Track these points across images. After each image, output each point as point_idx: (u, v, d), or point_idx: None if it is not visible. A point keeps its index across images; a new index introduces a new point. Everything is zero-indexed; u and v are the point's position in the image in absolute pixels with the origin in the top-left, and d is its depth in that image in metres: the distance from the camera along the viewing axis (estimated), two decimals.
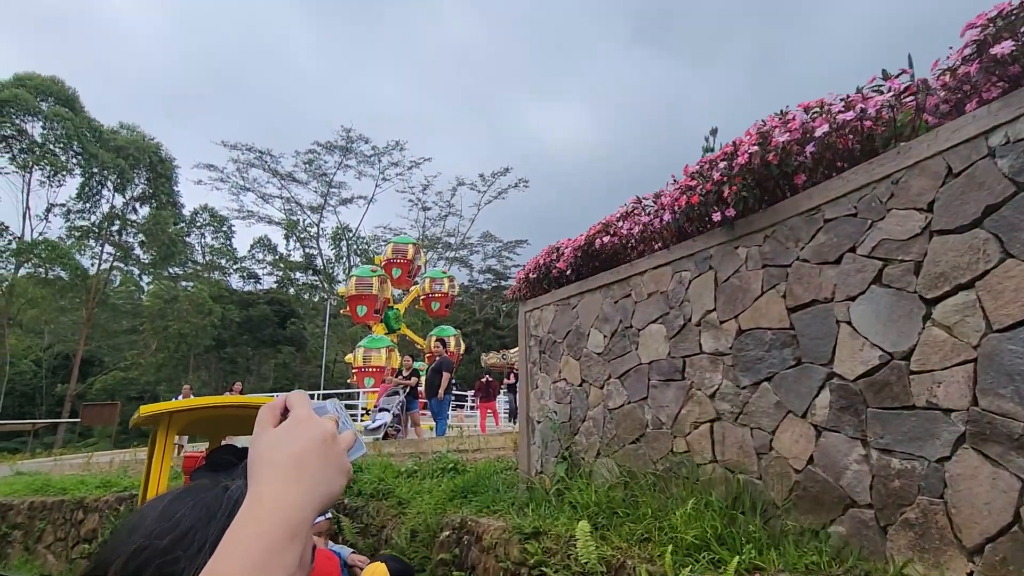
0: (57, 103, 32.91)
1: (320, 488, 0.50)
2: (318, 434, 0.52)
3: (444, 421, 8.80)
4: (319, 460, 0.51)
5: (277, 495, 0.47)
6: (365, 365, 20.62)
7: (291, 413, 0.55)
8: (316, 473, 0.50)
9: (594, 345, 3.90)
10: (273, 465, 0.50)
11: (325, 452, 0.52)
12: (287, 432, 0.52)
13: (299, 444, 0.51)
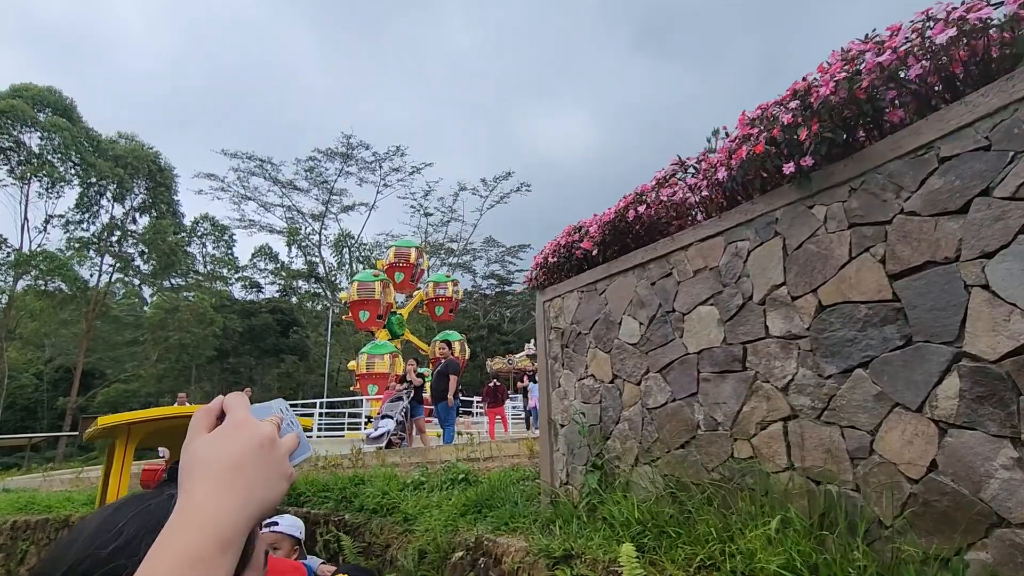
0: (55, 113, 32.67)
1: (257, 495, 0.48)
2: (255, 438, 0.51)
3: (452, 428, 8.26)
4: (256, 466, 0.49)
5: (207, 504, 0.46)
6: (368, 372, 20.09)
7: (227, 417, 0.53)
8: (252, 480, 0.49)
9: (627, 335, 3.37)
10: (205, 472, 0.48)
11: (263, 457, 0.50)
12: (221, 437, 0.51)
13: (234, 449, 0.50)
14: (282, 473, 0.52)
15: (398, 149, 43.50)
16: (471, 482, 5.09)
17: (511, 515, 3.95)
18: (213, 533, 0.44)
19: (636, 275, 3.34)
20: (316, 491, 5.94)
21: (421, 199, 46.26)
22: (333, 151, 42.40)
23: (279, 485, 0.51)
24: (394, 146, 45.11)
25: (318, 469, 7.05)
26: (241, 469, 0.48)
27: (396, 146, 44.27)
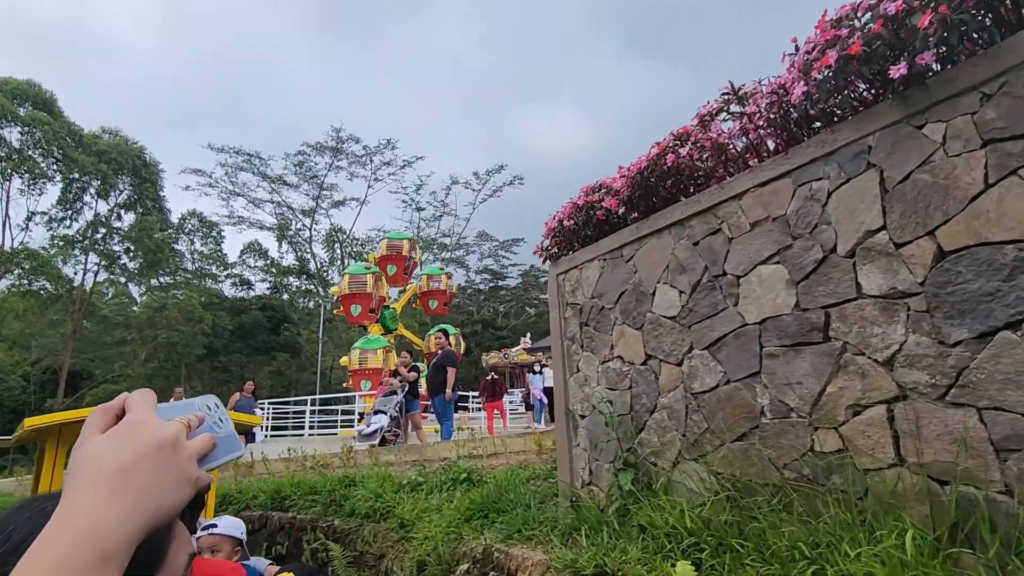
0: (35, 107, 31.70)
1: (150, 502, 0.45)
2: (153, 440, 0.47)
3: (450, 423, 7.71)
4: (151, 470, 0.46)
5: (89, 511, 0.42)
6: (361, 367, 19.48)
7: (125, 416, 0.49)
8: (145, 485, 0.45)
9: (664, 306, 2.82)
10: (92, 476, 0.44)
11: (161, 460, 0.47)
12: (115, 438, 0.47)
13: (126, 452, 0.46)
14: (185, 478, 0.48)
15: (389, 142, 42.74)
16: (475, 482, 4.55)
17: (524, 521, 3.42)
18: (90, 543, 0.41)
19: (673, 235, 2.78)
20: (303, 494, 5.38)
21: (413, 193, 45.51)
22: (323, 145, 41.61)
23: (180, 491, 0.47)
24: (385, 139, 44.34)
25: (306, 469, 6.49)
26: (132, 473, 0.45)
27: (387, 139, 43.53)
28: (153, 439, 0.47)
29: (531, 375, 11.64)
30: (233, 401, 9.92)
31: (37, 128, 30.72)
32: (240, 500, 5.84)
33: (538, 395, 11.37)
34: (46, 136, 31.03)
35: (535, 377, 11.53)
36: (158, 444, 0.47)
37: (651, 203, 2.92)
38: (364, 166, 43.66)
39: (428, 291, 23.55)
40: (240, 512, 5.77)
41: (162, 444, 0.47)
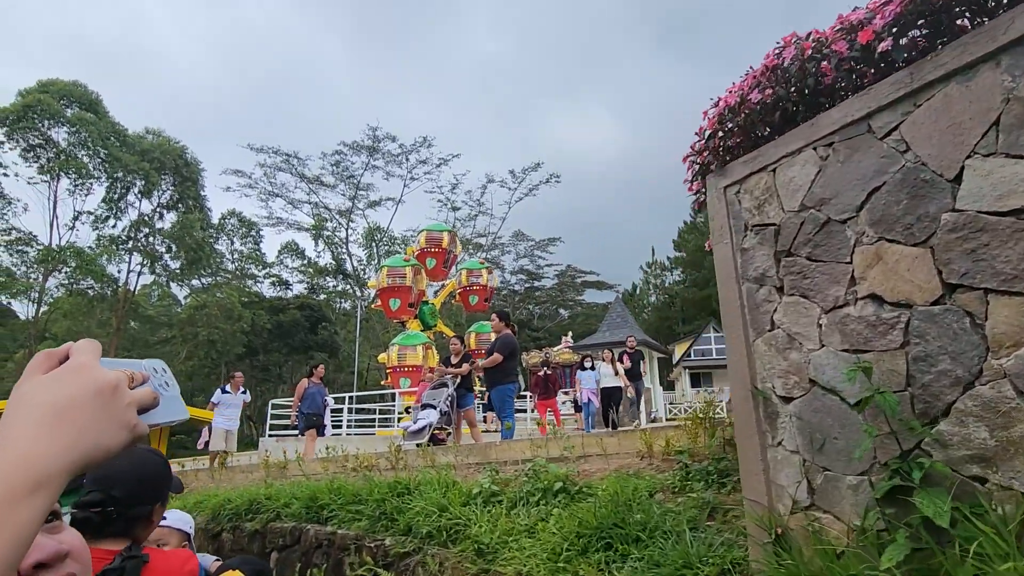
0: (81, 108, 32.25)
1: (86, 441, 0.46)
2: (93, 383, 0.48)
3: (511, 419, 6.54)
4: (90, 411, 0.47)
5: (24, 443, 0.44)
6: (400, 364, 18.54)
7: (69, 360, 0.50)
8: (81, 425, 0.47)
9: (986, 195, 1.58)
10: (29, 412, 0.46)
11: (101, 403, 0.48)
12: (55, 379, 0.49)
13: (65, 392, 0.47)
14: (123, 423, 0.49)
15: (424, 140, 42.13)
16: (572, 493, 3.37)
17: (683, 560, 2.22)
18: (24, 472, 0.43)
19: (1006, 67, 1.54)
20: (345, 503, 4.30)
21: (448, 192, 44.81)
22: (359, 144, 41.29)
23: (117, 435, 0.49)
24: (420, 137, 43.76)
25: (347, 472, 5.43)
26: (69, 411, 0.47)
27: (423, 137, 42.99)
28: (93, 382, 0.48)
29: (581, 372, 10.11)
30: (302, 389, 8.83)
31: (83, 128, 31.18)
32: (269, 508, 4.80)
33: (588, 396, 9.78)
34: (91, 136, 31.47)
35: (585, 374, 9.92)
36: (98, 387, 0.48)
37: (940, 30, 1.68)
38: (400, 165, 43.21)
39: (468, 286, 22.50)
40: (269, 523, 4.73)
41: (102, 388, 0.48)
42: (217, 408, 9.03)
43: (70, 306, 35.18)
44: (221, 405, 9.05)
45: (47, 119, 30.58)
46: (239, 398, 9.42)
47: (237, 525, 4.94)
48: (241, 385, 9.62)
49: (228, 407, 9.13)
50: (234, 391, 9.35)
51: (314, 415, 8.71)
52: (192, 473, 7.42)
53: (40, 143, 31.19)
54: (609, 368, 9.43)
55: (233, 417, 9.18)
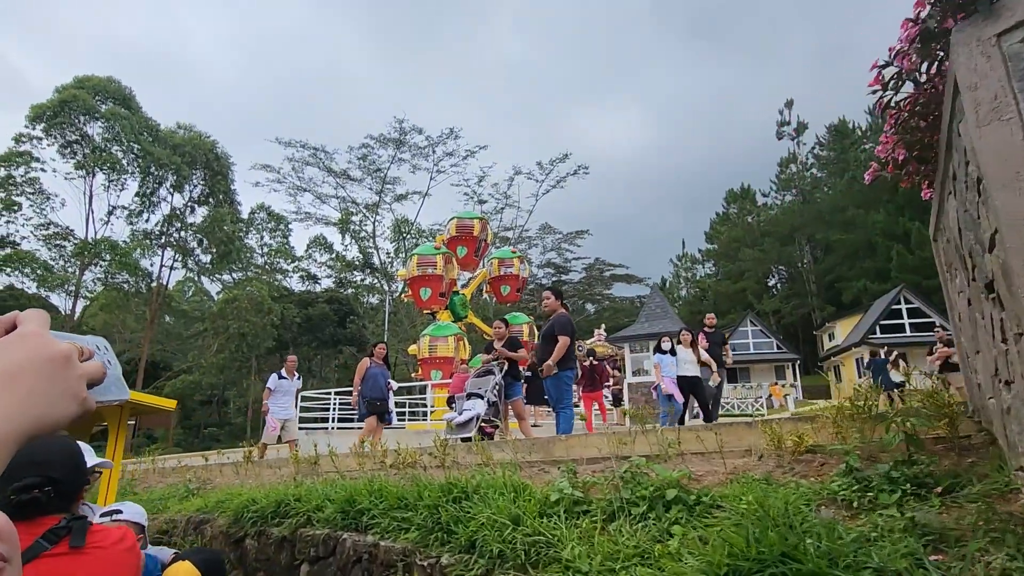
0: (115, 103, 32.54)
1: (35, 409, 0.46)
2: (43, 352, 0.49)
3: (569, 411, 5.72)
4: (40, 378, 0.47)
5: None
6: (431, 356, 17.91)
7: (18, 328, 0.51)
8: (30, 391, 0.47)
9: None
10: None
11: (50, 372, 0.48)
12: (5, 345, 0.49)
13: (15, 358, 0.48)
14: (73, 394, 0.50)
15: (451, 131, 41.45)
16: (690, 505, 2.55)
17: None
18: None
19: None
20: (388, 508, 3.55)
21: (475, 185, 44.10)
22: (386, 137, 40.87)
23: (67, 405, 0.49)
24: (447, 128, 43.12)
25: (385, 469, 4.71)
26: (19, 378, 0.46)
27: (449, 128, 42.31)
28: (44, 351, 0.48)
29: (658, 355, 8.05)
30: (363, 369, 7.74)
31: (116, 122, 31.43)
32: (299, 511, 4.09)
33: (669, 387, 7.81)
34: (125, 130, 31.70)
35: (666, 359, 7.93)
36: (49, 356, 0.48)
37: None
38: (426, 158, 42.68)
39: (499, 276, 21.73)
40: (298, 529, 4.03)
41: (53, 357, 0.49)
42: (272, 396, 8.31)
43: (106, 300, 35.69)
44: (277, 392, 8.36)
45: (82, 114, 30.88)
46: (294, 384, 8.74)
47: (263, 530, 4.26)
48: (295, 370, 8.91)
49: (284, 394, 8.44)
50: (290, 376, 8.65)
51: (377, 400, 7.69)
52: (216, 468, 6.81)
53: (77, 139, 31.58)
54: (689, 353, 7.84)
55: (288, 405, 8.49)
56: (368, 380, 7.68)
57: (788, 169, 65.20)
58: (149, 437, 32.78)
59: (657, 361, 8.10)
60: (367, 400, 7.57)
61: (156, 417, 18.71)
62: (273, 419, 8.12)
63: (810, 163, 64.73)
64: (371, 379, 7.70)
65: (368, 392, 7.60)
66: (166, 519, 5.23)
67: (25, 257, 28.83)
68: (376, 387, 7.66)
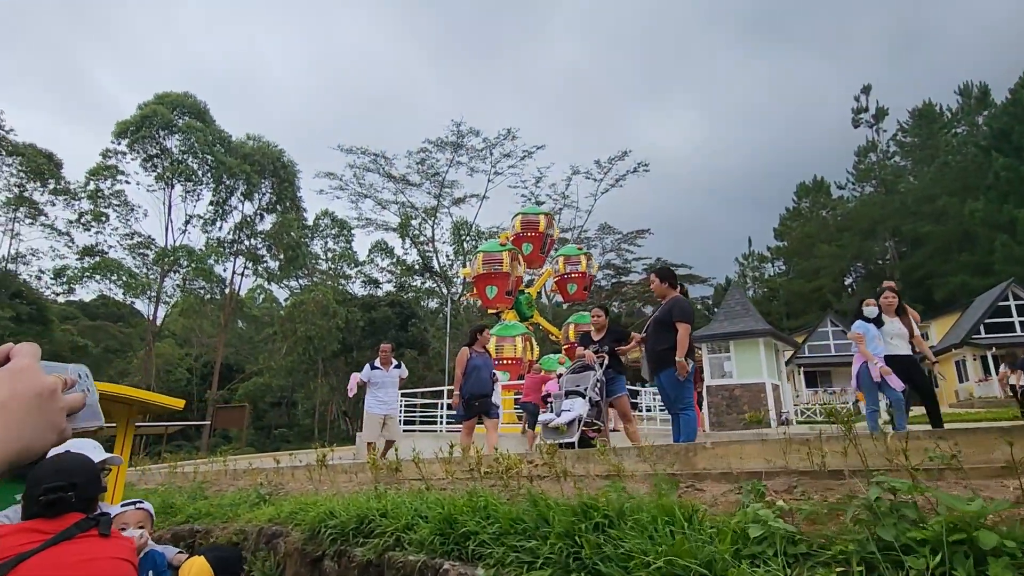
0: (191, 117, 34.13)
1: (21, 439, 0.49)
2: (34, 386, 0.52)
3: (691, 413, 4.75)
4: (27, 411, 0.50)
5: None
6: (498, 356, 17.24)
7: (11, 361, 0.54)
8: (19, 422, 0.49)
9: None
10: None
11: (38, 405, 0.51)
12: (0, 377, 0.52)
13: (6, 390, 0.50)
14: (54, 426, 0.52)
15: (509, 132, 41.03)
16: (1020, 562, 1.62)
17: None
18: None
19: None
20: (499, 532, 2.77)
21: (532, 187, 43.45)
22: (444, 141, 40.93)
23: (48, 436, 0.52)
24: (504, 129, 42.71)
25: (478, 478, 3.95)
26: (8, 409, 0.49)
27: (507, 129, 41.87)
28: (34, 385, 0.52)
29: (860, 323, 5.67)
30: (464, 360, 6.64)
31: (192, 135, 32.88)
32: (386, 529, 3.37)
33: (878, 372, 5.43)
34: (199, 142, 33.13)
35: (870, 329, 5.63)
36: (38, 390, 0.52)
37: None
38: (484, 160, 42.46)
39: (565, 274, 20.83)
40: (385, 552, 3.31)
41: (41, 391, 0.52)
42: (369, 389, 7.35)
43: (185, 305, 37.42)
44: (372, 385, 7.35)
45: (161, 128, 32.50)
46: (393, 374, 7.57)
47: (344, 550, 3.58)
48: (392, 358, 7.66)
49: (381, 387, 7.36)
50: (385, 366, 7.51)
51: (479, 396, 6.42)
52: (288, 472, 6.30)
53: (157, 152, 33.30)
54: (898, 324, 5.65)
55: (388, 399, 7.38)
56: (470, 374, 6.49)
57: (867, 158, 60.78)
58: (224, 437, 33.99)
59: (860, 331, 5.69)
60: (467, 397, 6.43)
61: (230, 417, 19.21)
62: (367, 419, 7.29)
63: (892, 151, 60.07)
64: (473, 372, 6.49)
65: (471, 388, 6.41)
66: (236, 529, 4.69)
67: (112, 265, 30.53)
68: (480, 381, 6.45)
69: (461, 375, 6.51)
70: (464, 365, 6.54)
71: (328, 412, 42.17)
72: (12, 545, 1.54)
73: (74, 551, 1.61)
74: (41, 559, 1.54)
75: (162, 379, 37.92)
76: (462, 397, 6.46)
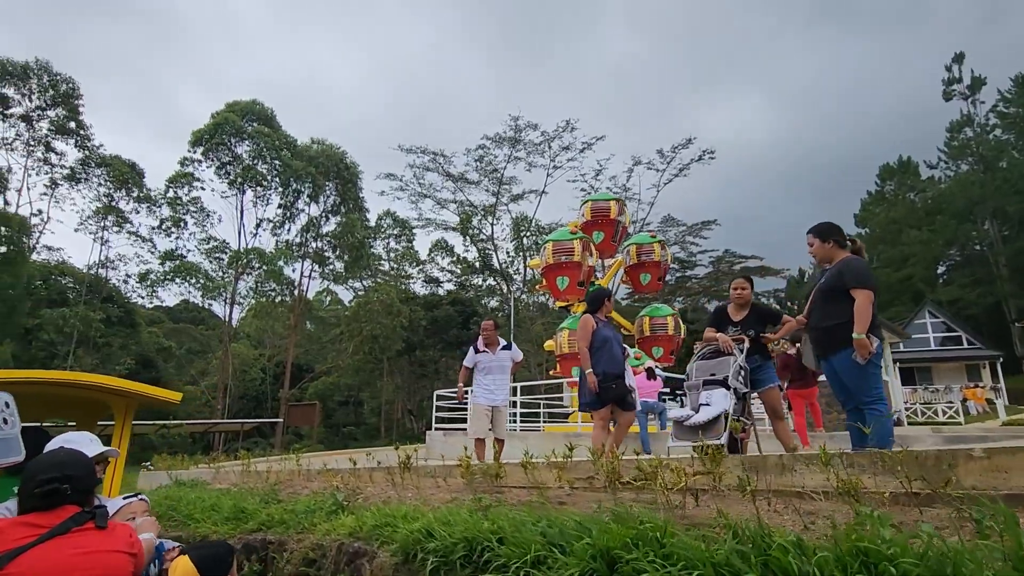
0: (259, 123, 35.17)
1: None
2: None
3: (883, 408, 3.58)
4: None
5: None
6: (572, 351, 16.22)
7: None
8: None
9: None
10: None
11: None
12: None
13: None
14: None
15: (568, 124, 39.88)
16: None
17: None
18: None
19: None
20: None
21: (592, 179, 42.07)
22: (501, 136, 40.34)
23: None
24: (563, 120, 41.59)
25: (605, 491, 3.00)
26: None
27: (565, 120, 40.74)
28: None
29: None
30: (589, 329, 5.12)
31: (260, 140, 33.83)
32: (507, 562, 2.49)
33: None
34: (267, 146, 34.04)
35: None
36: None
37: None
38: (542, 154, 41.54)
39: (638, 263, 19.45)
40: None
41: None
42: (476, 376, 6.31)
43: (258, 308, 38.67)
44: (478, 371, 6.29)
45: (232, 136, 33.62)
46: (502, 357, 6.29)
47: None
48: (499, 337, 6.34)
49: (487, 372, 6.23)
50: (491, 348, 6.25)
51: (613, 377, 4.88)
52: (365, 474, 5.58)
53: (229, 160, 34.50)
54: None
55: (495, 387, 6.19)
56: (602, 349, 4.95)
57: (961, 134, 55.21)
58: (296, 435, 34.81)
59: None
60: (603, 378, 4.86)
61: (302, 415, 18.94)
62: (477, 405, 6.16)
63: (991, 124, 54.24)
64: (604, 345, 4.96)
65: (604, 366, 4.88)
66: (313, 543, 3.97)
67: (191, 268, 31.81)
68: (613, 358, 4.94)
69: (587, 349, 5.03)
70: (590, 336, 5.03)
71: (394, 411, 42.52)
72: (9, 539, 1.58)
73: (71, 544, 1.64)
74: (38, 552, 1.56)
75: (238, 378, 39.41)
76: (600, 377, 4.92)
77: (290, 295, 37.46)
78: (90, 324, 29.28)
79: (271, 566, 4.16)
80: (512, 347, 6.38)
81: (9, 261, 26.64)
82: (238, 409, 37.41)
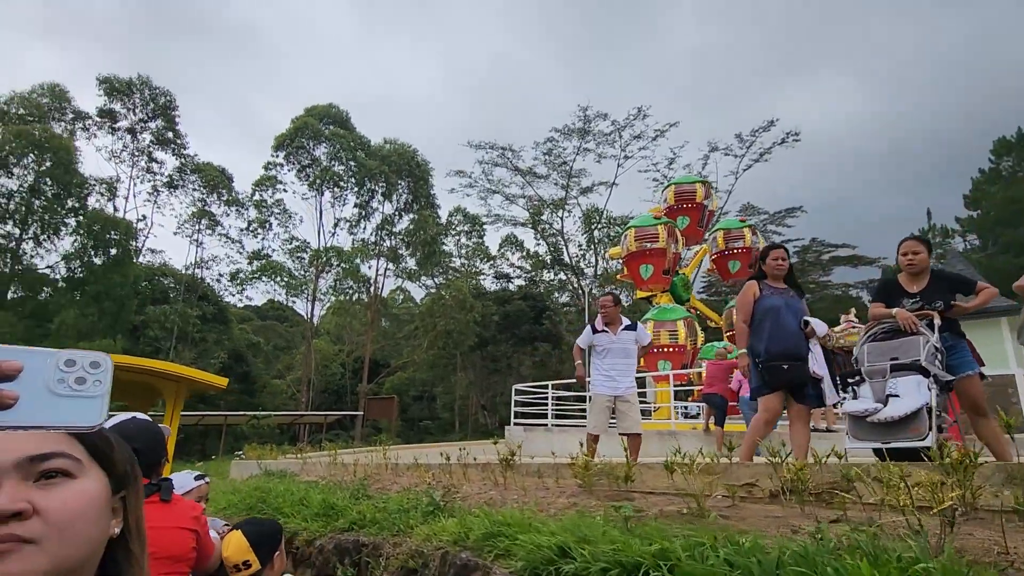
0: (335, 126, 36.28)
1: None
2: None
3: None
4: None
5: None
6: (656, 345, 15.25)
7: None
8: None
9: None
10: None
11: None
12: None
13: None
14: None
15: (639, 111, 38.32)
16: None
17: None
18: None
19: None
20: None
21: (665, 169, 40.20)
22: (570, 128, 39.42)
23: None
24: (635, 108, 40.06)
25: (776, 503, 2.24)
26: None
27: (637, 108, 39.21)
28: None
29: None
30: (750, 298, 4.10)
31: (337, 141, 34.86)
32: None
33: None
34: (343, 148, 35.03)
35: None
36: None
37: None
38: (612, 144, 40.21)
39: (725, 251, 18.09)
40: None
41: None
42: (592, 361, 5.41)
43: (337, 305, 40.06)
44: (596, 354, 5.36)
45: (311, 139, 34.88)
46: (624, 338, 5.30)
47: None
48: (621, 315, 5.39)
49: (606, 355, 5.26)
50: (612, 327, 5.33)
51: (784, 357, 3.79)
52: (459, 469, 5.08)
53: (308, 163, 35.84)
54: None
55: (616, 373, 5.19)
56: (764, 321, 3.91)
57: None
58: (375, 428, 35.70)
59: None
60: (769, 357, 3.82)
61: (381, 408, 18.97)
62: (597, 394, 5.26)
63: None
64: (768, 317, 3.90)
65: (773, 344, 3.83)
66: (411, 549, 3.47)
67: (276, 267, 33.31)
68: (784, 333, 3.85)
69: (745, 324, 4.00)
70: (749, 308, 3.97)
71: (467, 406, 42.74)
72: None
73: None
74: None
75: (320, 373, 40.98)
76: (753, 358, 3.94)
77: (366, 293, 38.46)
78: (188, 321, 31.30)
79: (366, 572, 3.76)
80: (638, 327, 5.43)
81: (119, 262, 28.92)
82: (320, 402, 38.90)
